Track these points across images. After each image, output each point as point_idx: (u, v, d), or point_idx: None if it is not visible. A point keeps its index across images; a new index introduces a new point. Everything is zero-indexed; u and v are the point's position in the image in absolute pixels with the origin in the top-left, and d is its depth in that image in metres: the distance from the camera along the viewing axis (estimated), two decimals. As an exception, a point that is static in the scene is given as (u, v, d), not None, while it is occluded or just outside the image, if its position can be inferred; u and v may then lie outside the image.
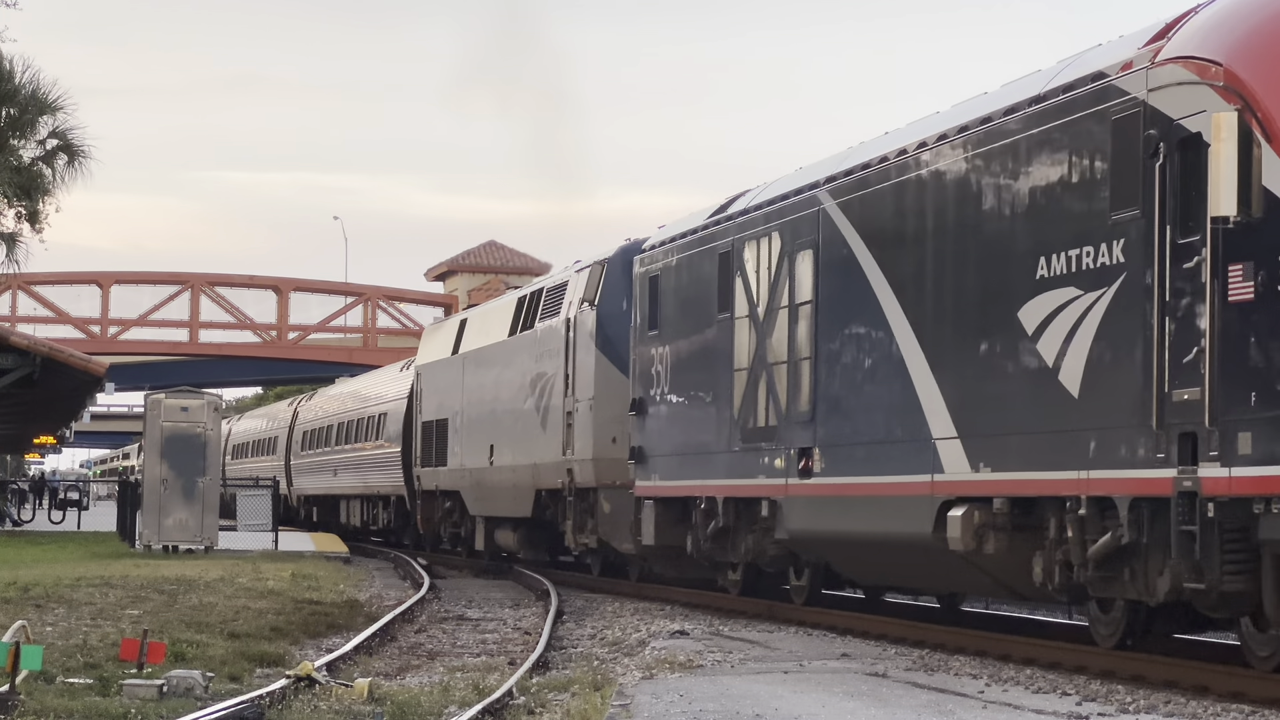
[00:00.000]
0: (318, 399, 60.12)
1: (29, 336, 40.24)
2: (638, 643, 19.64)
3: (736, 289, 22.51)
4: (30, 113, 41.19)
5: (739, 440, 22.28)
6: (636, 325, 26.15)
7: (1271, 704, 13.65)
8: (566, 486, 28.92)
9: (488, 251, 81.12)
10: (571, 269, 30.64)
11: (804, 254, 20.72)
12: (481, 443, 34.35)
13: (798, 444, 20.62)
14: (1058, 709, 13.62)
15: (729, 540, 23.08)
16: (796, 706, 13.59)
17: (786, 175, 22.61)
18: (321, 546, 40.51)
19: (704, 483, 23.37)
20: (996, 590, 18.29)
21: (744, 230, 22.54)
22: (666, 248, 25.20)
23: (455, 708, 13.90)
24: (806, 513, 20.45)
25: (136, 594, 23.51)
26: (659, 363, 25.03)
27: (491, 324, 35.18)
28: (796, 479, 20.59)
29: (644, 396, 25.52)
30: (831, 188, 20.27)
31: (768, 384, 21.46)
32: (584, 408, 28.26)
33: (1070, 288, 15.68)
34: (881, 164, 19.25)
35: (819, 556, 21.52)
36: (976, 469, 16.96)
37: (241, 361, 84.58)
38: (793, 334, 20.91)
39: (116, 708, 13.16)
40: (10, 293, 73.65)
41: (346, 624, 21.86)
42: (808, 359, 20.48)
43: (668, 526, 24.62)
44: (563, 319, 29.66)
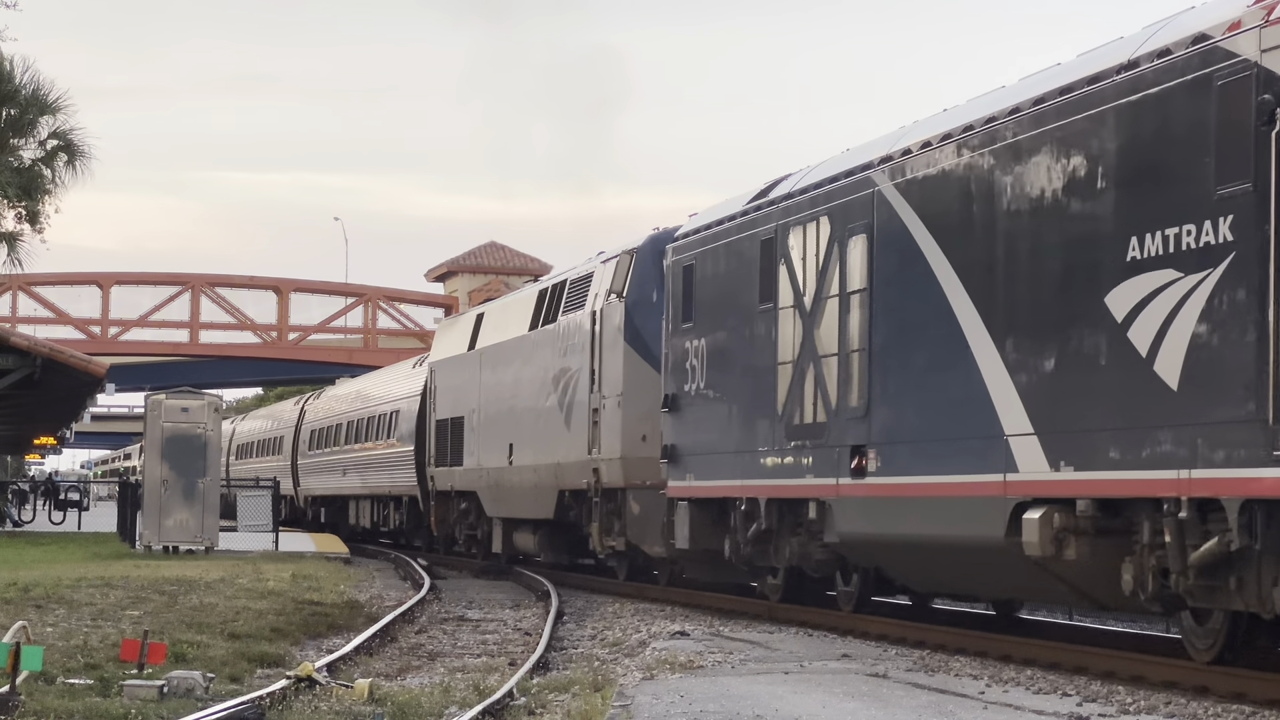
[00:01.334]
0: (325, 397, 58.44)
1: (29, 337, 40.14)
2: (638, 643, 19.55)
3: (780, 278, 21.04)
4: (30, 113, 41.24)
5: (784, 438, 20.83)
6: (669, 317, 24.62)
7: (1272, 705, 13.37)
8: (592, 487, 27.65)
9: (488, 252, 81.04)
10: (596, 260, 29.15)
11: (856, 239, 19.31)
12: (500, 442, 32.96)
13: (850, 441, 19.22)
14: (1058, 709, 13.51)
15: (771, 544, 21.67)
16: (797, 707, 13.53)
17: (835, 156, 21.13)
18: (322, 547, 40.24)
19: (744, 483, 21.89)
20: (1074, 599, 16.78)
21: (788, 215, 21.01)
22: (701, 235, 23.67)
23: (455, 708, 13.86)
24: (859, 515, 19.11)
25: (137, 595, 23.39)
26: (694, 357, 23.54)
27: (510, 318, 33.66)
28: (848, 479, 19.23)
29: (677, 392, 24.04)
30: (888, 168, 18.78)
31: (815, 378, 20.06)
32: (611, 404, 26.96)
33: (1167, 270, 14.23)
34: (945, 142, 17.72)
35: (871, 561, 20.12)
36: (1056, 468, 15.52)
37: (242, 362, 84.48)
38: (844, 325, 19.49)
39: (117, 708, 13.09)
40: (11, 293, 73.59)
41: (347, 625, 21.81)
42: (861, 351, 19.07)
43: (703, 529, 23.20)
44: (588, 312, 28.32)
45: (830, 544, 20.18)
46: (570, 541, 30.82)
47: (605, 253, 28.91)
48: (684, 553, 24.09)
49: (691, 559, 24.49)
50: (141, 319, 77.40)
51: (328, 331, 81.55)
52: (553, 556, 31.58)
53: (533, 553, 32.25)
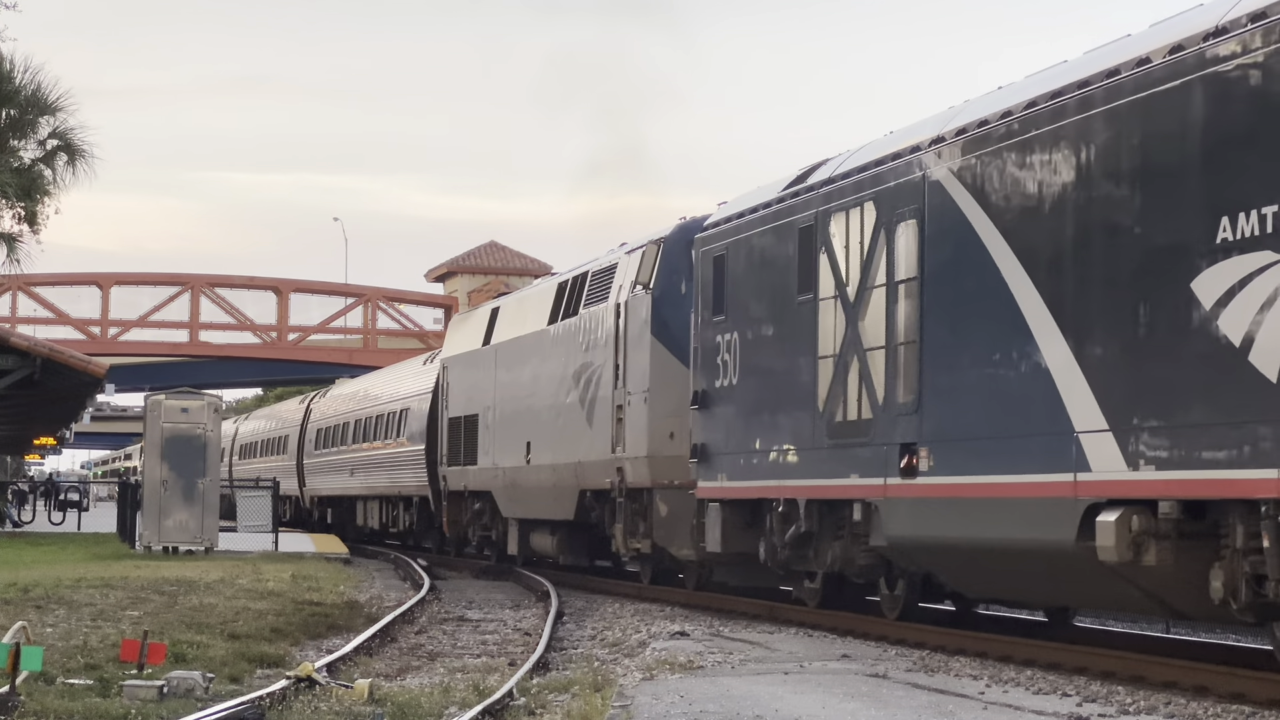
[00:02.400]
0: (331, 396, 56.73)
1: (29, 338, 40.07)
2: (638, 644, 19.48)
3: (821, 267, 19.84)
4: (30, 113, 41.25)
5: (825, 436, 19.64)
6: (699, 310, 23.31)
7: (1272, 705, 13.20)
8: (616, 487, 26.39)
9: (488, 252, 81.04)
10: (620, 251, 27.81)
11: (905, 225, 18.08)
12: (517, 440, 31.64)
13: (899, 439, 18.03)
14: (1058, 710, 13.42)
15: (811, 547, 20.48)
16: (797, 707, 13.48)
17: (879, 139, 19.92)
18: (321, 548, 40.22)
19: (782, 483, 20.70)
20: (1151, 606, 15.50)
21: (829, 202, 19.78)
22: (734, 224, 22.35)
23: (455, 708, 13.80)
24: (910, 517, 17.90)
25: (137, 595, 23.32)
26: (726, 351, 22.30)
27: (528, 312, 32.24)
28: (898, 479, 18.03)
29: (708, 389, 22.77)
30: (940, 150, 17.58)
31: (860, 372, 18.88)
32: (637, 401, 25.76)
33: (1264, 252, 13.06)
34: (1004, 120, 16.52)
35: (922, 566, 18.86)
36: (1135, 467, 14.32)
37: (242, 363, 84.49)
38: (892, 316, 18.28)
39: (117, 709, 13.02)
40: (10, 294, 73.62)
41: (347, 625, 21.77)
42: (911, 343, 17.85)
43: (736, 531, 21.99)
44: (612, 305, 27.06)
45: (876, 547, 19.01)
46: (590, 543, 29.77)
47: (629, 243, 27.75)
48: (715, 556, 22.93)
49: (723, 563, 23.31)
50: (141, 319, 77.39)
51: (327, 332, 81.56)
52: (572, 558, 30.47)
53: (551, 554, 31.10)
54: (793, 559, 20.90)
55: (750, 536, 21.82)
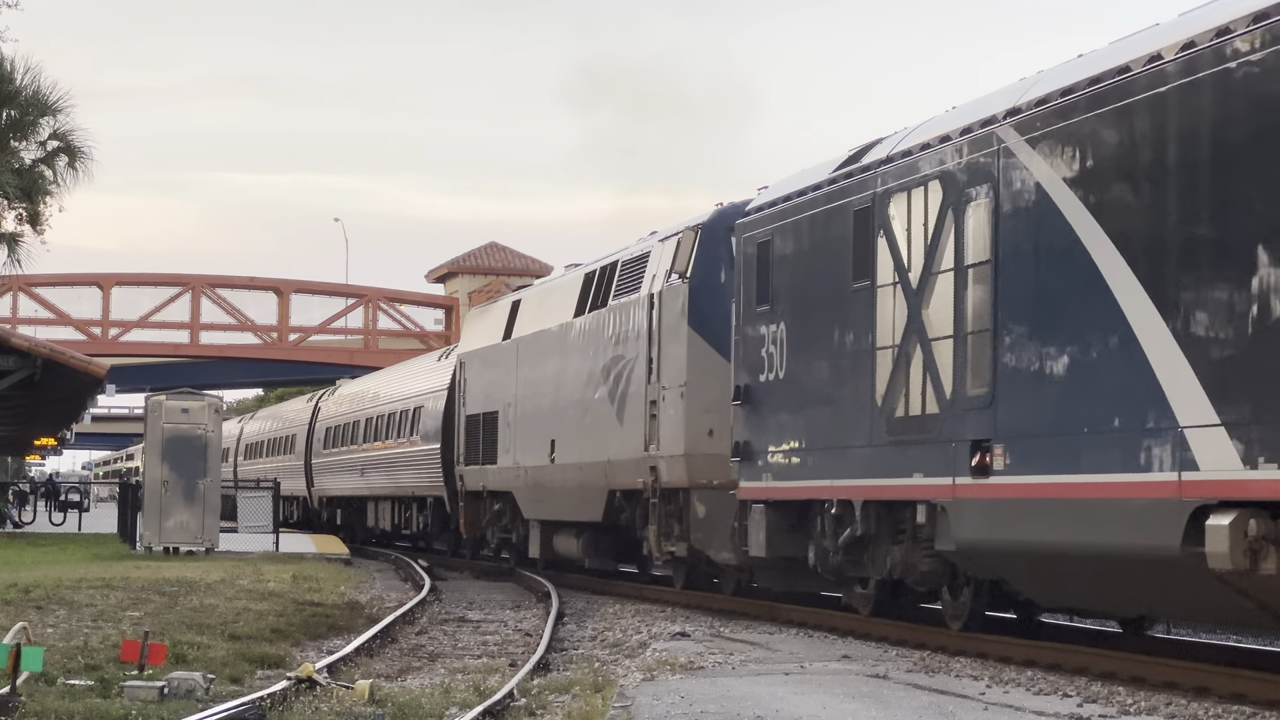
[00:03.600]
0: (341, 393, 54.84)
1: (30, 338, 40.11)
2: (638, 644, 19.40)
3: (879, 252, 18.39)
4: (31, 114, 41.30)
5: (884, 432, 18.20)
6: (741, 300, 21.80)
7: (1272, 705, 13.02)
8: (649, 487, 24.96)
9: (489, 253, 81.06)
10: (653, 239, 26.37)
11: (976, 205, 16.69)
12: (540, 438, 30.20)
13: (969, 435, 16.55)
14: (1059, 710, 13.35)
15: (867, 552, 19.09)
16: (797, 708, 13.43)
17: (941, 115, 18.53)
18: (322, 548, 40.25)
19: (834, 483, 19.27)
20: (1265, 620, 14.06)
21: (888, 181, 18.35)
22: (780, 208, 20.87)
23: (456, 709, 13.78)
24: (982, 520, 16.42)
25: (137, 596, 23.28)
26: (771, 343, 20.88)
27: (552, 304, 30.68)
28: (968, 478, 16.54)
29: (751, 383, 21.35)
30: (1017, 122, 16.13)
31: (925, 364, 17.42)
32: (673, 396, 24.34)
33: None
34: (1094, 87, 15.02)
35: (994, 573, 17.36)
36: (1253, 465, 12.88)
37: (242, 363, 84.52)
38: (961, 302, 16.83)
39: (117, 709, 13.00)
40: (11, 294, 73.58)
41: (347, 626, 21.75)
42: (984, 332, 16.41)
43: (782, 535, 20.59)
44: (644, 295, 25.64)
45: (942, 553, 17.50)
46: (618, 546, 28.40)
47: (660, 231, 26.33)
48: (759, 561, 21.36)
49: (768, 567, 21.71)
50: (142, 320, 77.37)
51: (328, 332, 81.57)
52: (598, 562, 28.99)
53: (576, 558, 29.68)
54: (846, 564, 19.51)
55: (797, 540, 20.47)
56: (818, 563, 20.05)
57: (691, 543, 23.80)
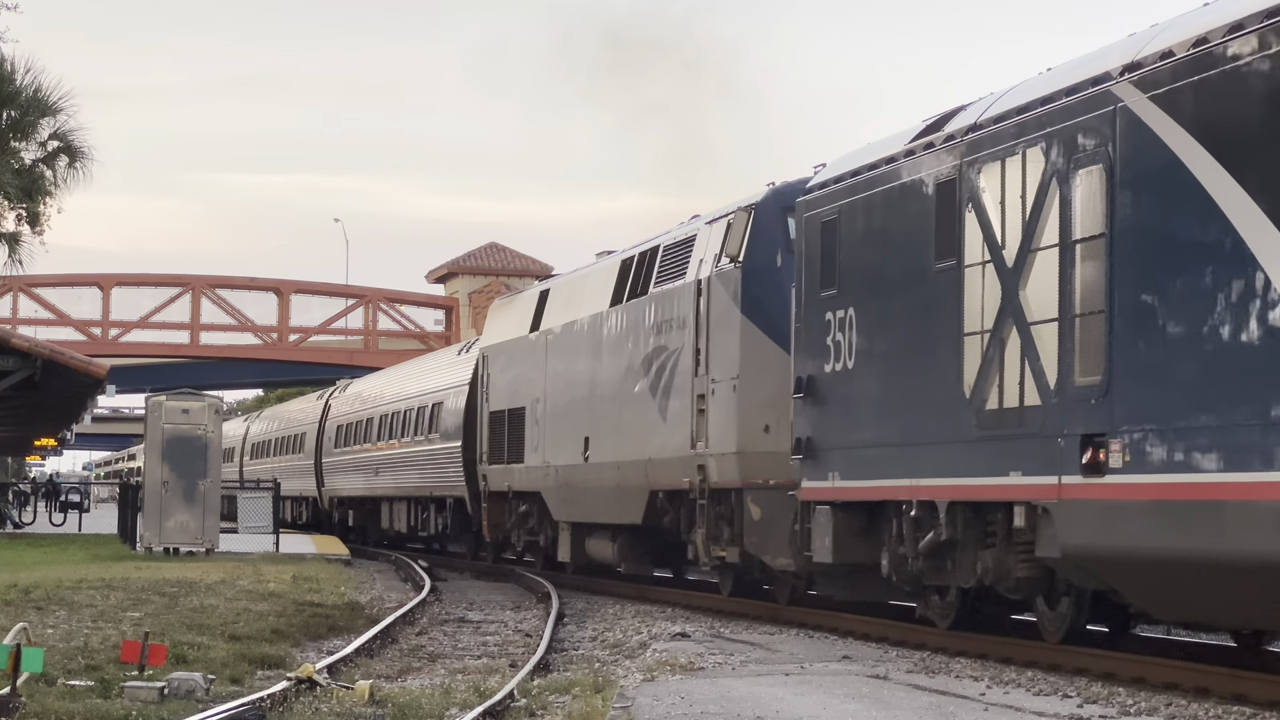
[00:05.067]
0: (354, 390, 52.86)
1: (30, 339, 40.18)
2: (639, 645, 19.42)
3: (966, 228, 16.81)
4: (32, 115, 41.30)
5: (973, 426, 16.58)
6: (803, 284, 20.19)
7: (1273, 706, 13.09)
8: (695, 487, 23.25)
9: (489, 253, 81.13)
10: (698, 221, 24.75)
11: (1087, 172, 15.05)
12: (572, 435, 28.47)
13: (1079, 429, 14.94)
14: (1059, 711, 13.40)
15: (951, 557, 17.46)
16: (798, 708, 13.45)
17: (1037, 77, 16.89)
18: (322, 549, 40.26)
19: (914, 483, 17.63)
20: None
21: (977, 150, 16.75)
22: (847, 184, 19.33)
23: (456, 710, 13.76)
24: (1094, 523, 14.83)
25: (137, 596, 23.27)
26: (838, 330, 19.29)
27: (585, 294, 28.93)
28: (1077, 477, 14.95)
29: (815, 374, 19.76)
30: (1140, 78, 14.40)
31: (1023, 350, 15.81)
32: (724, 389, 22.63)
33: None
34: (1239, 34, 13.27)
35: (1105, 581, 15.66)
36: None
37: (242, 364, 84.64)
38: (1068, 281, 15.19)
39: (118, 710, 12.98)
40: (11, 295, 73.68)
41: (347, 626, 21.73)
42: (1096, 313, 14.77)
43: (851, 539, 19.02)
44: (691, 281, 23.93)
45: (1044, 558, 15.90)
46: (656, 549, 26.88)
47: (704, 215, 24.85)
48: (824, 567, 19.87)
49: (834, 574, 20.14)
50: (142, 320, 77.49)
51: (328, 333, 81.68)
52: (635, 567, 27.42)
53: (611, 562, 28.11)
54: (926, 571, 17.88)
55: (867, 544, 18.93)
56: (892, 569, 18.46)
57: (744, 547, 22.12)
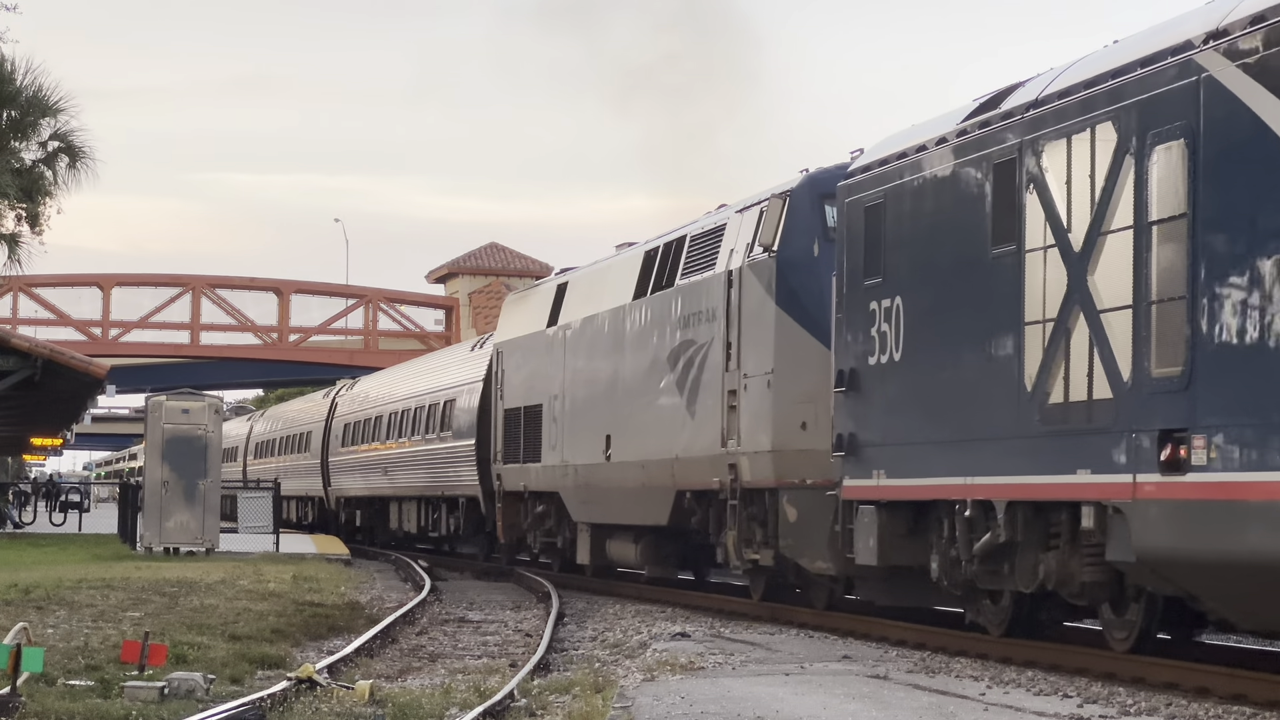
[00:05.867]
0: (362, 387, 51.59)
1: (30, 339, 40.17)
2: (639, 645, 19.46)
3: (1027, 210, 15.92)
4: (32, 115, 41.26)
5: (1036, 420, 15.66)
6: (845, 273, 19.30)
7: (1273, 706, 13.14)
8: (726, 487, 22.35)
9: (489, 253, 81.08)
10: (728, 210, 23.74)
11: (1165, 149, 14.13)
12: (593, 433, 27.50)
13: (1157, 424, 14.07)
14: (1059, 711, 13.43)
15: (1009, 561, 16.56)
16: (798, 708, 13.48)
17: (1103, 50, 15.99)
18: (322, 548, 40.32)
19: (969, 481, 16.71)
20: None
21: (1040, 128, 15.85)
22: (893, 167, 18.47)
23: (456, 710, 13.79)
24: (1175, 525, 13.95)
25: (138, 596, 23.32)
26: (883, 320, 18.39)
27: (606, 287, 28.02)
28: (1155, 475, 14.09)
29: (858, 367, 18.85)
30: (1228, 45, 13.48)
31: (1091, 340, 14.92)
32: (758, 385, 21.71)
33: None
34: None
35: (1183, 587, 14.73)
36: None
37: (242, 364, 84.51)
38: (1143, 266, 14.30)
39: (118, 710, 13.02)
40: (11, 295, 73.64)
41: (347, 626, 21.78)
42: (1176, 300, 13.90)
43: (896, 540, 18.15)
44: (721, 272, 23.00)
45: (1115, 562, 15.01)
46: (681, 552, 26.15)
47: (731, 204, 23.93)
48: (867, 570, 19.03)
49: (878, 577, 19.30)
50: (142, 320, 77.40)
51: (328, 333, 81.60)
52: (660, 570, 26.63)
53: (633, 564, 27.33)
54: (980, 575, 17.01)
55: (915, 546, 18.10)
56: (943, 573, 17.64)
57: (779, 550, 21.27)
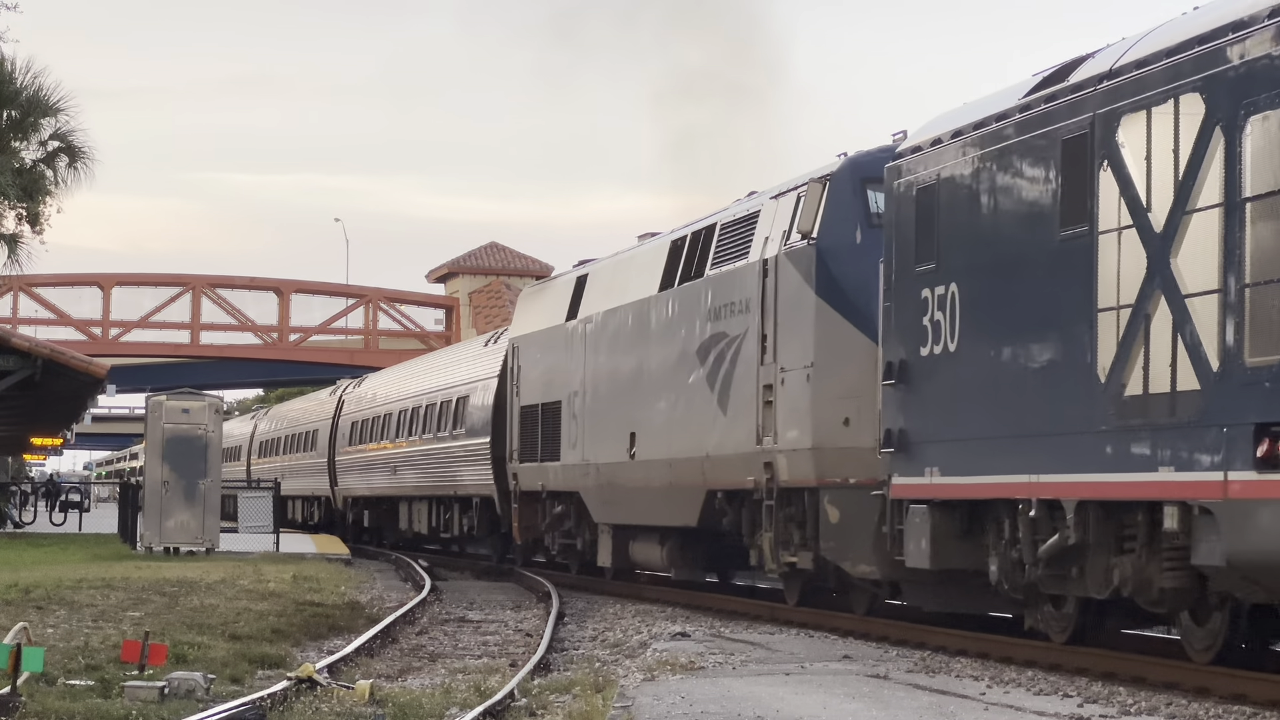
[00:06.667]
0: (371, 384, 50.45)
1: (30, 338, 40.14)
2: (639, 644, 19.48)
3: (1100, 189, 14.94)
4: (32, 115, 41.28)
5: (1111, 414, 14.68)
6: (894, 259, 18.33)
7: (1272, 705, 13.16)
8: (762, 486, 21.37)
9: (489, 253, 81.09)
10: (760, 197, 22.73)
11: (1262, 118, 13.21)
12: (616, 431, 26.55)
13: (1252, 417, 13.15)
14: (1059, 711, 13.46)
15: (1079, 564, 15.57)
16: (798, 708, 13.49)
17: (1189, 15, 14.90)
18: (322, 548, 40.33)
19: (1034, 478, 15.72)
20: None
21: (1116, 100, 14.82)
22: (948, 146, 17.46)
23: (456, 709, 13.79)
24: (1274, 526, 13.03)
25: (138, 596, 23.33)
26: (938, 308, 17.42)
27: (629, 278, 26.95)
28: (1250, 472, 13.17)
29: (909, 358, 17.91)
30: None
31: (1175, 327, 14.02)
32: (796, 379, 20.71)
33: None
34: None
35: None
36: None
37: (243, 363, 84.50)
38: (1235, 246, 13.36)
39: (118, 710, 13.02)
40: (11, 294, 73.63)
41: (348, 626, 21.77)
42: (1274, 282, 13.01)
43: (951, 542, 17.18)
44: (755, 261, 21.97)
45: (1201, 566, 14.07)
46: (710, 554, 25.14)
47: (761, 192, 22.90)
48: (917, 573, 18.05)
49: (931, 581, 18.33)
50: (142, 320, 77.39)
51: (328, 333, 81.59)
52: (686, 573, 25.61)
53: (658, 567, 26.41)
54: (1046, 579, 16.05)
55: (970, 548, 17.19)
56: (1003, 577, 16.66)
57: (820, 552, 20.34)
